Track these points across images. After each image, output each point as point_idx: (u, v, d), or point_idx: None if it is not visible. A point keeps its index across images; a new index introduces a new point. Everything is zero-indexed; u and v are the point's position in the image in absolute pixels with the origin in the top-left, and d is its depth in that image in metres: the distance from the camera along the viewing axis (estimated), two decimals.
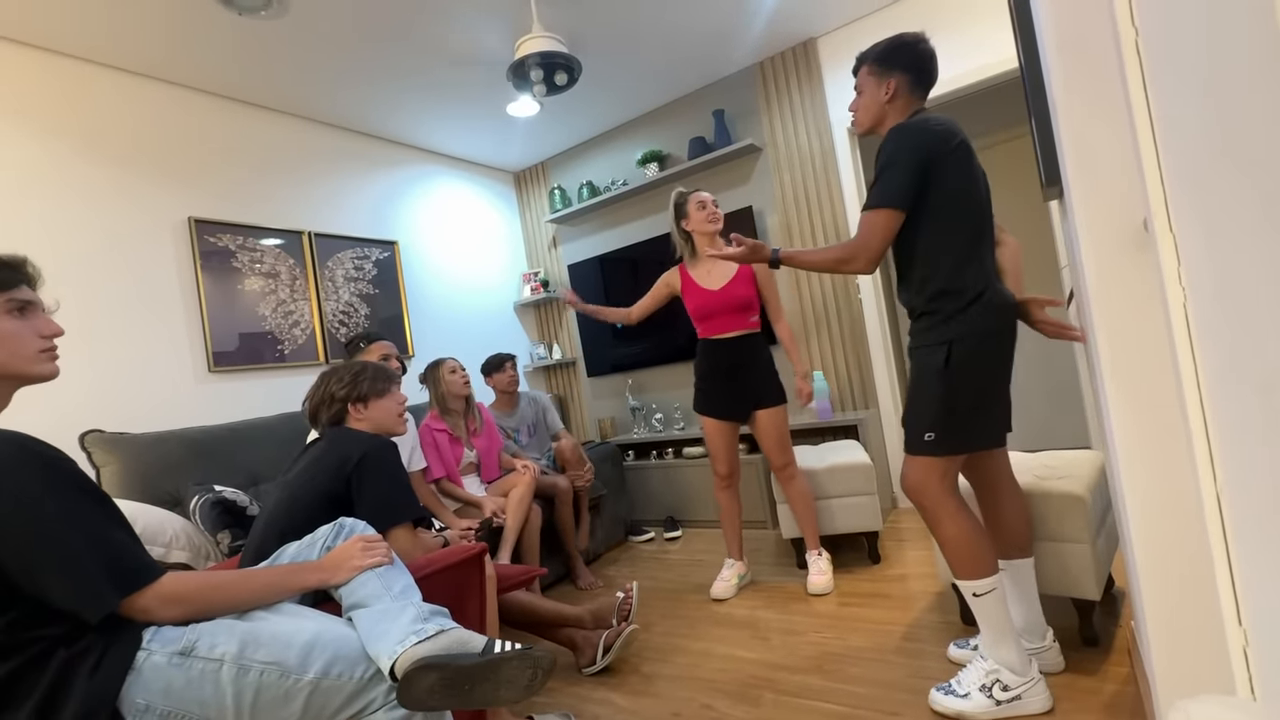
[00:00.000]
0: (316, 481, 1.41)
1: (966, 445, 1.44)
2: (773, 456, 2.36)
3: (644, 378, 3.94)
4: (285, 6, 2.28)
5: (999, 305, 1.43)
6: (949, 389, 1.41)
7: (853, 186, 3.16)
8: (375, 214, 3.40)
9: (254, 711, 0.92)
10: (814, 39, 3.19)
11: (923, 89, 1.53)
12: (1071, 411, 3.60)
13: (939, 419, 1.42)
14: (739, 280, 2.35)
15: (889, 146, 1.43)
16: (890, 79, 1.50)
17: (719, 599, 2.36)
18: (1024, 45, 1.27)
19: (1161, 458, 0.99)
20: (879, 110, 1.54)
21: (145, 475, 2.04)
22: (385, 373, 1.64)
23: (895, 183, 1.40)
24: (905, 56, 1.50)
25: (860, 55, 1.58)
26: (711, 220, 2.34)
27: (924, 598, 2.08)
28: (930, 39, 1.52)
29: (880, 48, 1.54)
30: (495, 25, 2.60)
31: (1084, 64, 1.02)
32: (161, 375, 2.46)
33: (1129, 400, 1.02)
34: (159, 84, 2.60)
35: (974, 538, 1.43)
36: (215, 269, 2.67)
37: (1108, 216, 1.04)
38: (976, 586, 1.42)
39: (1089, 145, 1.05)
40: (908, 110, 1.52)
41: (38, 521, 0.83)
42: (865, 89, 1.56)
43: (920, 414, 1.46)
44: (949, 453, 1.43)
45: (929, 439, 1.44)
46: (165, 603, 0.91)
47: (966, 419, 1.42)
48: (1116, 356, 1.03)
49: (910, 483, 1.49)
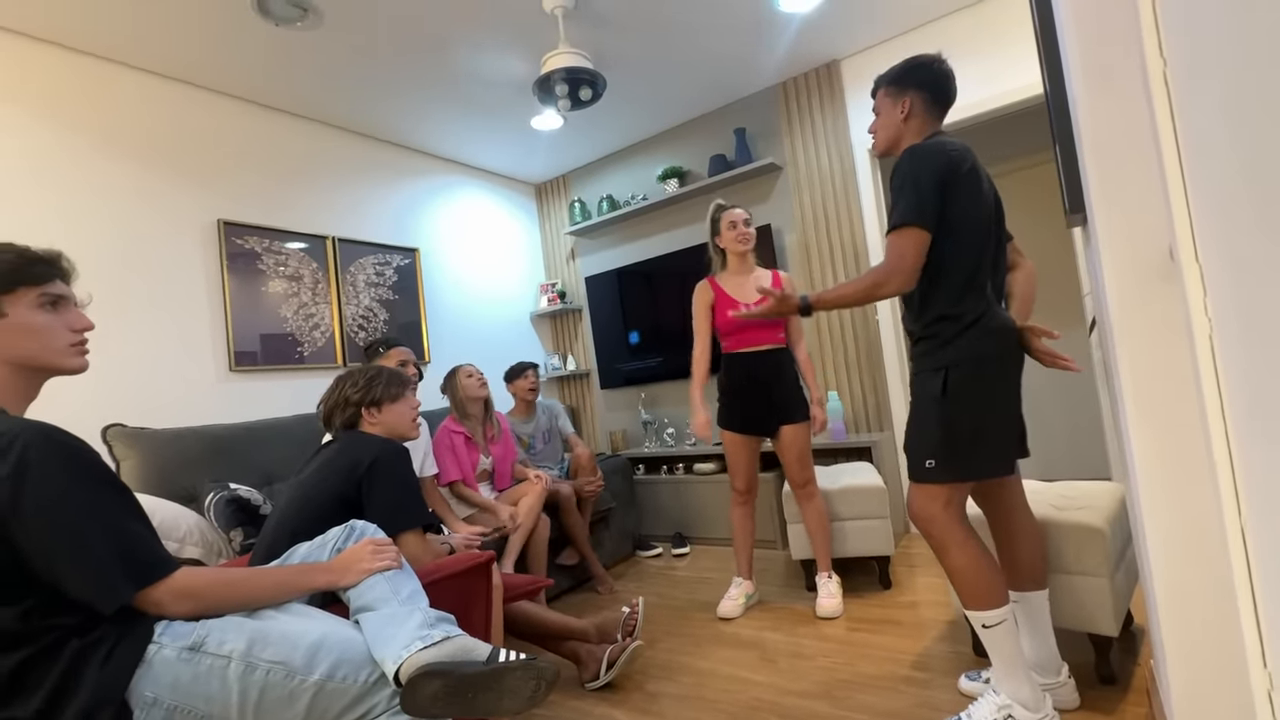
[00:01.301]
0: (328, 483, 1.43)
1: (969, 473, 1.42)
2: (793, 473, 2.34)
3: (657, 392, 3.94)
4: (320, 18, 2.34)
5: (997, 329, 1.40)
6: (947, 415, 1.39)
7: (873, 208, 3.15)
8: (398, 221, 3.46)
9: (258, 710, 0.92)
10: (837, 61, 3.21)
11: (939, 108, 1.53)
12: (1091, 442, 3.53)
13: (938, 446, 1.41)
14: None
15: (905, 167, 1.42)
16: (905, 98, 1.51)
17: (726, 618, 2.33)
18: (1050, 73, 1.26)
19: (1184, 492, 0.97)
20: (896, 130, 1.54)
21: (163, 470, 2.07)
22: (399, 378, 1.66)
23: (920, 201, 1.38)
24: (920, 75, 1.51)
25: (877, 78, 1.59)
26: (741, 240, 2.35)
27: (935, 626, 2.04)
28: (949, 60, 1.52)
29: (896, 68, 1.55)
30: (523, 41, 2.66)
31: (1110, 93, 1.02)
32: (184, 372, 2.51)
33: (1152, 432, 1.00)
34: (196, 90, 2.68)
35: (983, 567, 1.40)
36: (241, 270, 2.72)
37: (1132, 245, 1.03)
38: (986, 618, 1.39)
39: (1114, 173, 1.04)
40: (924, 130, 1.52)
41: (59, 511, 0.85)
42: (882, 110, 1.57)
43: (920, 441, 1.45)
44: (951, 480, 1.41)
45: (929, 466, 1.42)
46: (178, 597, 0.93)
47: (967, 446, 1.40)
48: (1139, 387, 1.02)
49: (915, 510, 1.47)
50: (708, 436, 2.41)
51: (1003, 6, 2.79)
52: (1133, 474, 1.04)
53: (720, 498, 3.34)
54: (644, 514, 3.57)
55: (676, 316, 3.75)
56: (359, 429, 1.59)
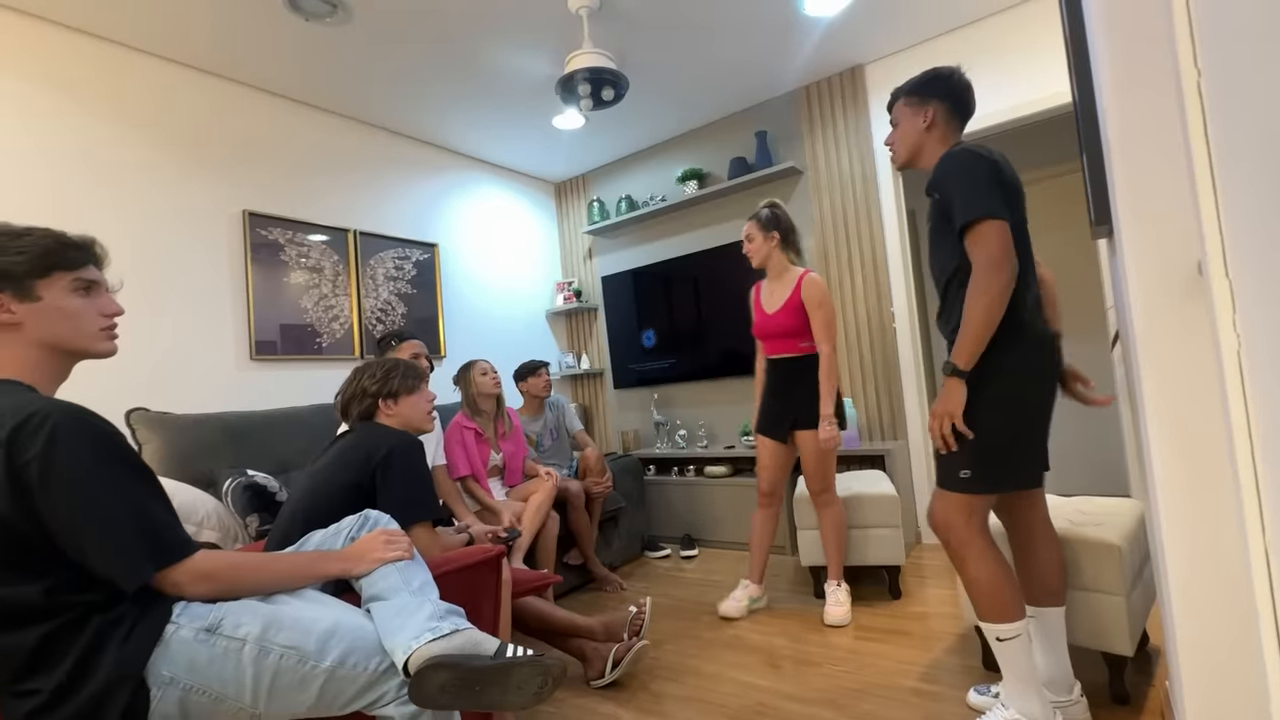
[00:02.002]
0: (343, 473, 1.45)
1: (1003, 484, 1.40)
2: (808, 479, 2.34)
3: (670, 393, 3.94)
4: (349, 14, 2.38)
5: (1043, 339, 1.39)
6: (988, 425, 1.36)
7: (893, 213, 3.13)
8: (418, 216, 3.49)
9: (271, 693, 0.94)
10: (861, 66, 3.19)
11: (960, 118, 1.52)
12: (1111, 457, 3.48)
13: (978, 456, 1.37)
14: (787, 309, 2.33)
15: (953, 165, 1.39)
16: (927, 108, 1.50)
17: (727, 617, 2.35)
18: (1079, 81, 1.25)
19: (1207, 511, 0.95)
20: (917, 140, 1.53)
21: (183, 455, 2.11)
22: (416, 370, 1.68)
23: (985, 193, 1.34)
24: (941, 86, 1.51)
25: (895, 90, 1.59)
26: (745, 254, 2.42)
27: (945, 638, 2.01)
28: (970, 71, 1.52)
29: (915, 80, 1.55)
30: (548, 40, 2.67)
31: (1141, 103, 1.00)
32: (206, 360, 2.55)
33: (1175, 450, 0.99)
34: (227, 83, 2.73)
35: (1001, 580, 1.39)
36: (264, 261, 2.77)
37: (1159, 258, 1.01)
38: (1000, 630, 1.38)
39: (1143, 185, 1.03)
40: (946, 140, 1.51)
41: (86, 490, 0.87)
42: (902, 120, 1.56)
43: (957, 449, 1.41)
44: (985, 491, 1.39)
45: (964, 476, 1.39)
46: (196, 579, 0.94)
47: (1006, 457, 1.37)
48: (1163, 403, 1.00)
49: (938, 519, 1.45)
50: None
51: (1030, 14, 2.75)
52: (1153, 492, 1.02)
53: (730, 501, 3.33)
54: (654, 515, 3.57)
55: (691, 318, 3.75)
56: (375, 420, 1.61)
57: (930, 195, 1.50)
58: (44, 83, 2.22)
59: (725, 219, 3.70)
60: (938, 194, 1.44)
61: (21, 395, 0.90)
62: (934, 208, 1.49)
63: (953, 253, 1.43)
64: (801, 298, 2.30)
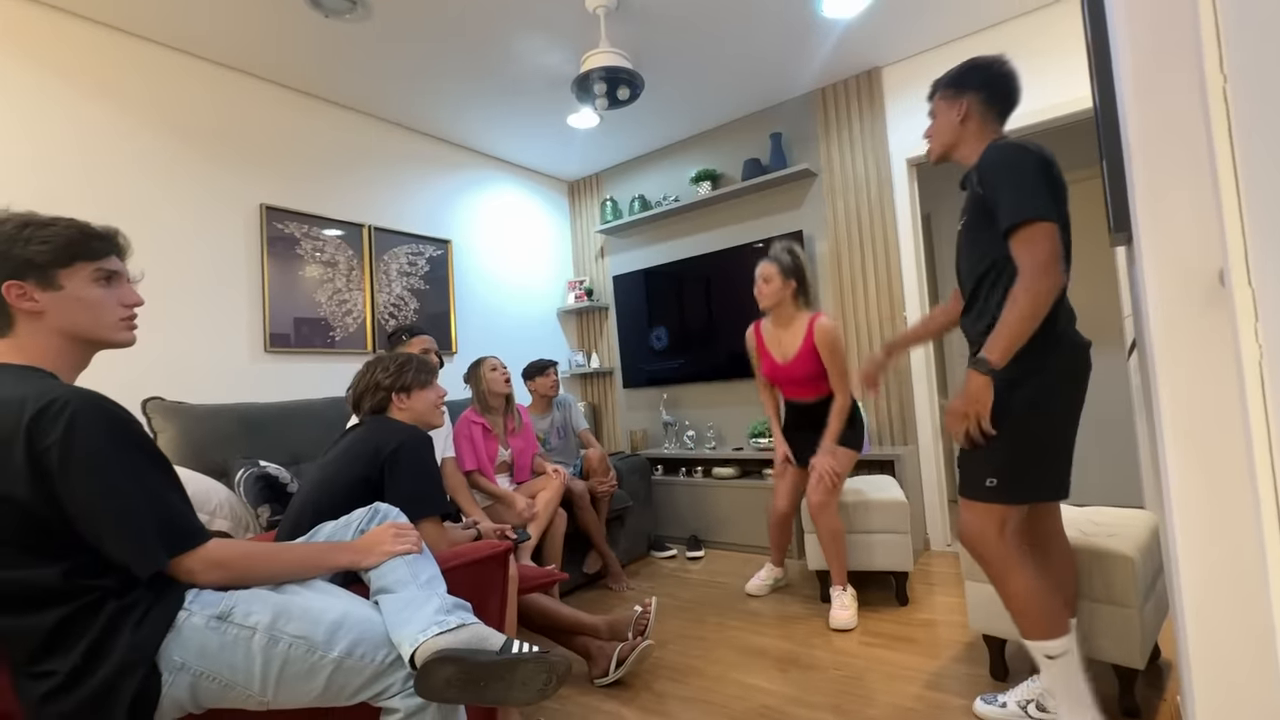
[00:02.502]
0: (352, 467, 1.46)
1: (1033, 494, 1.35)
2: (811, 485, 2.34)
3: (679, 393, 3.94)
4: (369, 11, 2.40)
5: (1081, 347, 1.33)
6: (1019, 431, 1.31)
7: (908, 218, 3.10)
8: (432, 213, 3.51)
9: (279, 682, 0.95)
10: (879, 68, 3.17)
11: (999, 110, 1.45)
12: (1124, 468, 3.43)
13: (1005, 464, 1.32)
14: (803, 357, 2.38)
15: (1001, 159, 1.33)
16: (963, 100, 1.45)
17: (751, 594, 2.59)
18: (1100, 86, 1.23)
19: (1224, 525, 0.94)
20: (952, 133, 1.47)
21: (197, 445, 2.14)
22: (428, 365, 1.69)
23: (1033, 193, 1.27)
24: (978, 76, 1.45)
25: (935, 81, 1.53)
26: (759, 296, 2.44)
27: (952, 646, 2.00)
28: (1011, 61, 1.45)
29: (954, 70, 1.49)
30: (564, 39, 2.68)
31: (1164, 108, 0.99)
32: (221, 351, 2.58)
33: (1191, 461, 0.97)
34: (248, 78, 2.76)
35: (1043, 594, 1.33)
36: (280, 254, 2.79)
37: (1179, 266, 0.99)
38: (1048, 648, 1.32)
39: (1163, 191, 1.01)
40: (983, 134, 1.44)
41: (103, 476, 0.88)
42: (939, 113, 1.51)
43: (982, 457, 1.35)
44: (1013, 501, 1.34)
45: (991, 485, 1.34)
46: (209, 566, 0.96)
47: (1034, 465, 1.32)
48: (1180, 414, 0.99)
49: (969, 532, 1.38)
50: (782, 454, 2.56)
51: (1050, 18, 2.72)
52: (1168, 503, 1.01)
53: (738, 503, 3.32)
54: (660, 515, 3.57)
55: (702, 319, 3.75)
56: (387, 414, 1.62)
57: (966, 188, 1.45)
58: (71, 77, 2.26)
59: (738, 220, 3.69)
60: (981, 188, 1.37)
61: (43, 382, 0.92)
62: (972, 202, 1.43)
63: (988, 250, 1.37)
64: (815, 344, 2.35)
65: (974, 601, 1.77)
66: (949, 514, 3.13)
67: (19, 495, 0.85)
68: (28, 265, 0.94)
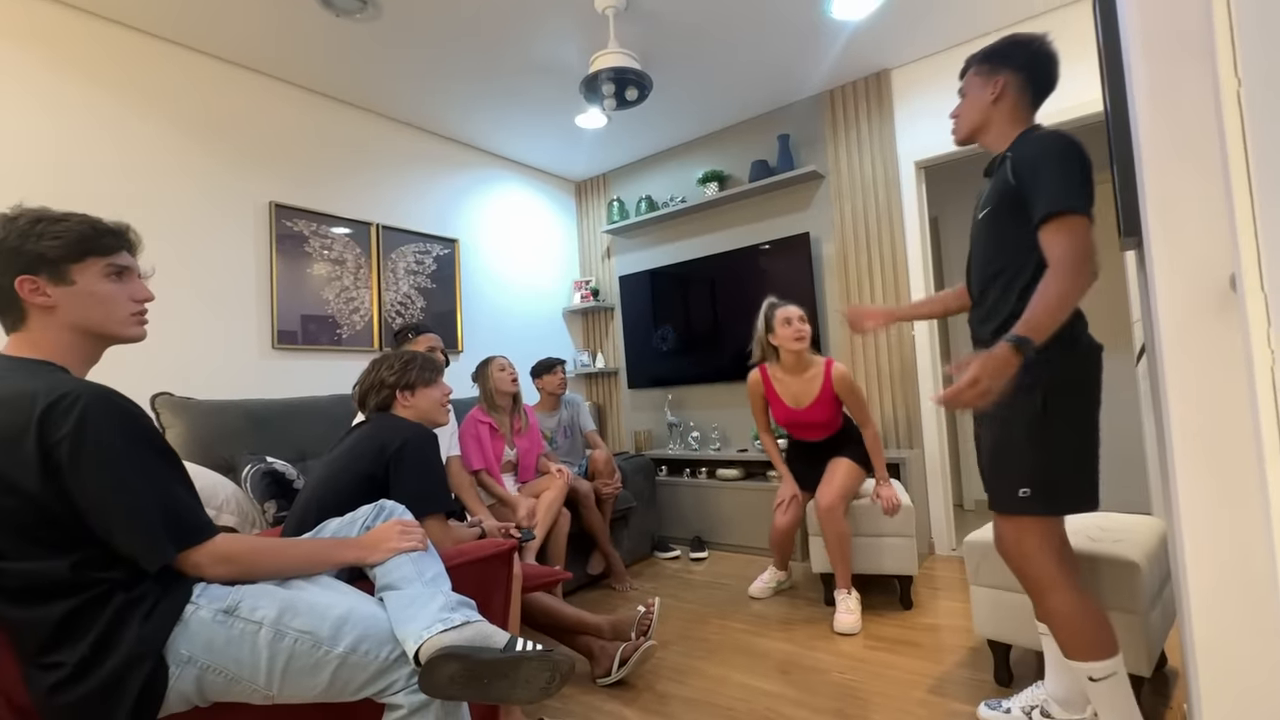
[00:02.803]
0: (357, 464, 1.46)
1: (1070, 504, 1.27)
2: (828, 493, 2.34)
3: (684, 394, 3.93)
4: (379, 10, 2.41)
5: (1097, 347, 1.28)
6: (1049, 438, 1.25)
7: (915, 220, 3.09)
8: (440, 212, 3.52)
9: (284, 677, 0.95)
10: (887, 70, 3.16)
11: (1036, 94, 1.36)
12: (1132, 473, 3.41)
13: (1037, 472, 1.26)
14: (821, 403, 2.45)
15: (1047, 148, 1.24)
16: (999, 78, 1.35)
17: (754, 596, 2.59)
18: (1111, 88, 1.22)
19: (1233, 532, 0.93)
20: (983, 113, 1.37)
21: (205, 440, 2.15)
22: (433, 363, 1.70)
23: (1079, 187, 1.20)
24: (1019, 54, 1.34)
25: (969, 57, 1.43)
26: (797, 338, 2.41)
27: (956, 651, 1.99)
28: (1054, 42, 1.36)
29: (991, 46, 1.38)
30: (574, 40, 2.68)
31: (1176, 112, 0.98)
32: (229, 347, 2.60)
33: (1200, 467, 0.96)
34: (258, 75, 2.78)
35: (1089, 611, 1.26)
36: (288, 252, 2.81)
37: (1189, 271, 0.99)
38: (1093, 669, 1.24)
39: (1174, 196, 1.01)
40: (1016, 117, 1.35)
41: (113, 470, 0.89)
42: (970, 91, 1.41)
43: (1012, 466, 1.29)
44: (1049, 512, 1.27)
45: (1024, 495, 1.26)
46: (216, 561, 0.96)
47: (1068, 473, 1.26)
48: (1189, 420, 0.98)
49: (1008, 547, 1.32)
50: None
51: (1061, 21, 2.71)
52: (1176, 511, 1.00)
53: (741, 505, 3.32)
54: (664, 515, 3.57)
55: (707, 320, 3.75)
56: (392, 411, 1.62)
57: (990, 175, 1.39)
58: (86, 75, 2.28)
59: (745, 222, 3.69)
60: (1015, 179, 1.29)
61: (54, 376, 0.92)
62: (998, 192, 1.34)
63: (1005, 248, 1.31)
64: (835, 391, 2.44)
65: (979, 606, 1.76)
66: (954, 518, 3.12)
67: (30, 488, 0.86)
68: (40, 260, 0.95)
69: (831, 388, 2.43)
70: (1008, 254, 1.32)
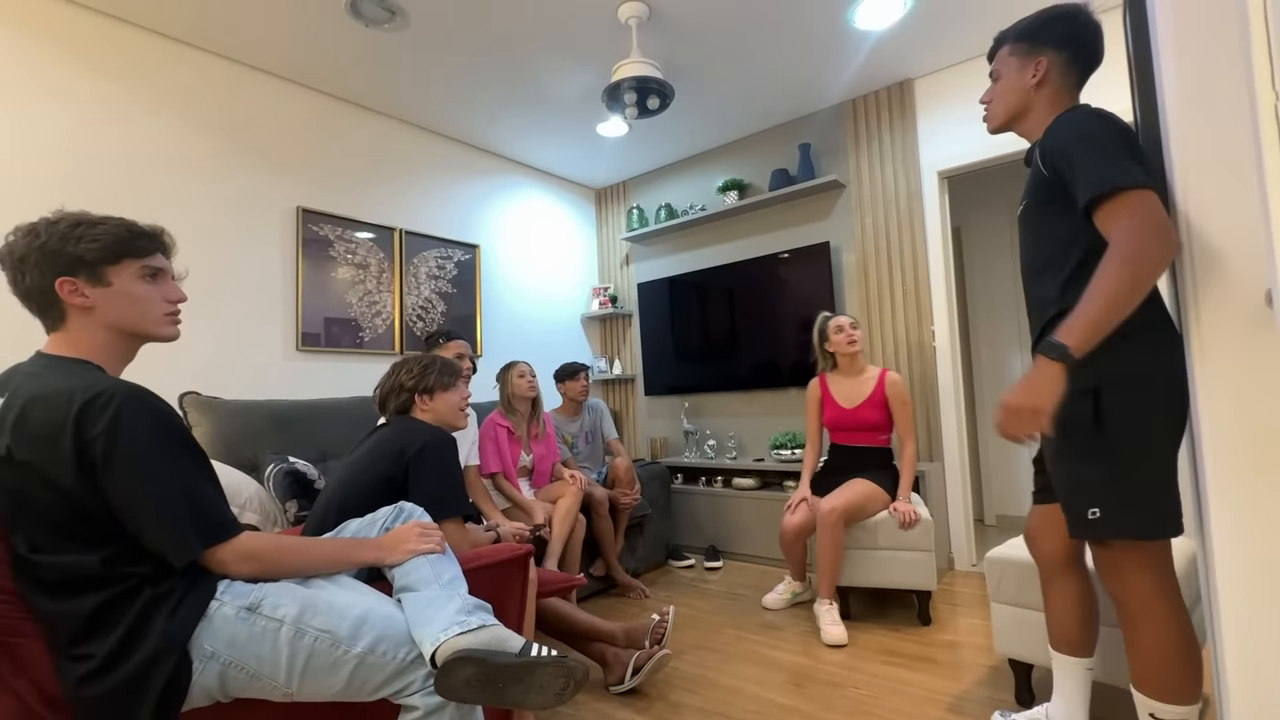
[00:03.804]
0: (377, 465, 1.48)
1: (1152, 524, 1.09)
2: (843, 505, 2.34)
3: (701, 402, 3.92)
4: (406, 20, 2.45)
5: (1176, 344, 1.06)
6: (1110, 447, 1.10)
7: (937, 231, 3.06)
8: (462, 218, 3.57)
9: (304, 675, 0.97)
10: (911, 80, 3.14)
11: (1080, 74, 1.22)
12: None
13: (1100, 489, 1.11)
14: (871, 404, 2.53)
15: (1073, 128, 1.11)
16: (1040, 57, 1.21)
17: (768, 608, 2.56)
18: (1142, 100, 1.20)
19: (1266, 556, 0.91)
20: (1021, 99, 1.23)
21: (230, 439, 2.19)
22: (452, 367, 1.71)
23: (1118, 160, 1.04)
24: (1061, 29, 1.20)
25: (1000, 34, 1.29)
26: (850, 343, 2.55)
27: (975, 669, 1.95)
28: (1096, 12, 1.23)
29: (1027, 20, 1.23)
30: (596, 49, 2.71)
31: (1209, 125, 0.96)
32: (255, 349, 2.66)
33: (1233, 488, 0.94)
34: (289, 84, 2.85)
35: (1180, 653, 1.12)
36: (314, 256, 2.86)
37: (1223, 285, 0.97)
38: (1163, 711, 1.12)
39: (1208, 210, 0.99)
40: (1059, 102, 1.21)
41: (145, 466, 0.91)
42: (1004, 73, 1.26)
43: (1074, 484, 1.15)
44: (1125, 535, 1.11)
45: (1093, 517, 1.12)
46: (240, 558, 0.98)
47: (1145, 489, 1.08)
48: (1221, 439, 0.96)
49: (1105, 572, 1.19)
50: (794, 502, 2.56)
51: None
52: (1208, 531, 0.97)
53: (757, 515, 3.29)
54: (679, 524, 3.55)
55: (725, 329, 3.74)
56: (411, 414, 1.64)
57: (1031, 165, 1.25)
58: (121, 82, 2.35)
59: (764, 231, 3.68)
60: (1045, 169, 1.17)
61: (91, 375, 0.95)
62: (1033, 183, 1.23)
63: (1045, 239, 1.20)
64: (886, 394, 2.51)
65: (999, 624, 1.73)
66: (975, 533, 3.06)
67: (66, 483, 0.88)
68: (79, 262, 0.98)
69: (884, 391, 2.52)
70: (1046, 248, 1.21)
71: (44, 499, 0.90)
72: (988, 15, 2.65)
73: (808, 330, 2.82)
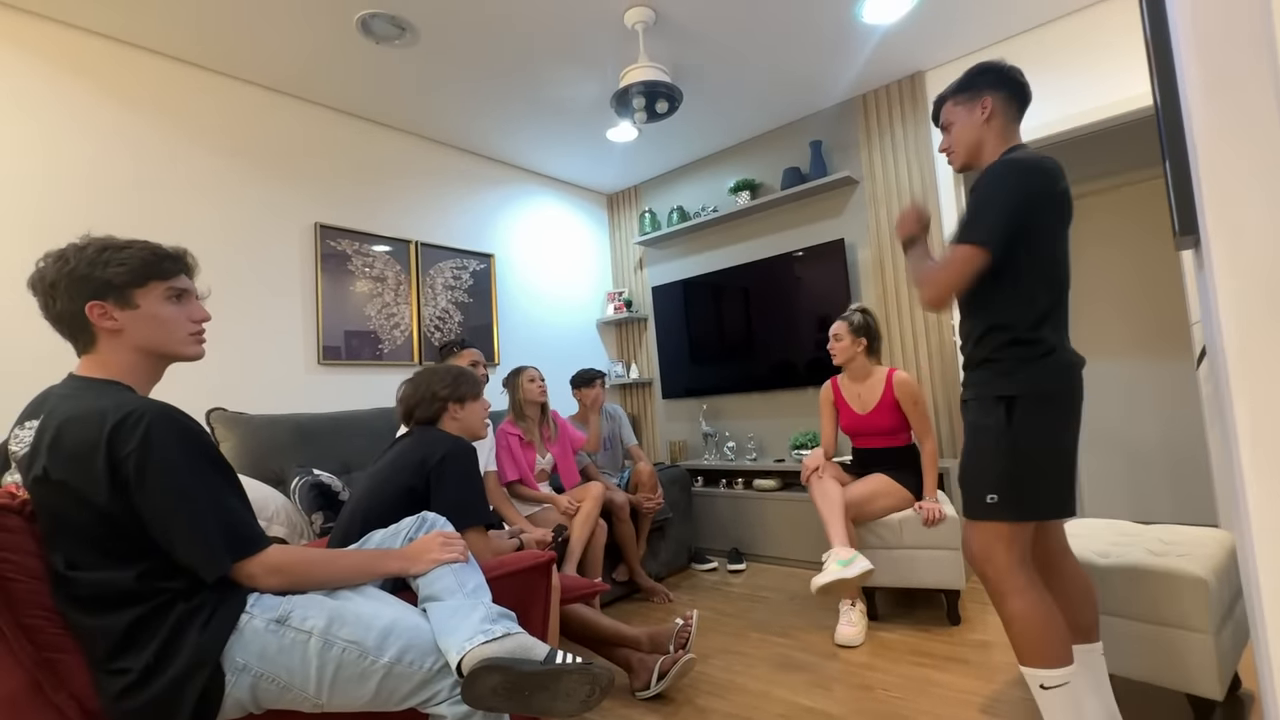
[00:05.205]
0: (400, 476, 1.50)
1: (1034, 511, 1.32)
2: (862, 494, 2.35)
3: (719, 404, 3.91)
4: (416, 36, 2.49)
5: (1070, 365, 1.33)
6: (1013, 447, 1.31)
7: (953, 224, 3.02)
8: (476, 228, 3.61)
9: (333, 686, 0.98)
10: (922, 73, 3.11)
11: (1019, 108, 1.44)
12: (1196, 483, 3.24)
13: (1002, 480, 1.32)
14: (883, 409, 2.48)
15: (987, 180, 1.34)
16: (984, 98, 1.42)
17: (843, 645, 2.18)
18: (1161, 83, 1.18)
19: None
20: (977, 134, 1.43)
21: (256, 453, 2.23)
22: (477, 378, 1.74)
23: (989, 221, 1.31)
24: (992, 75, 1.43)
25: (938, 96, 1.52)
26: (831, 352, 2.56)
27: (1007, 670, 1.91)
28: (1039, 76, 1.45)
29: (961, 79, 1.47)
30: (604, 55, 2.72)
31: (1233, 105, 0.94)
32: (278, 364, 2.70)
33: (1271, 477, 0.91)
34: (302, 102, 2.90)
35: (1045, 618, 1.29)
36: (332, 270, 2.91)
37: (1253, 271, 0.94)
38: (1045, 677, 1.27)
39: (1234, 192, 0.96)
40: (1007, 132, 1.42)
41: (176, 483, 0.94)
42: (956, 120, 1.47)
43: (980, 474, 1.36)
44: (1015, 518, 1.32)
45: (991, 501, 1.33)
46: (269, 571, 1.00)
47: (1033, 482, 1.31)
48: (1258, 427, 0.93)
49: (973, 551, 1.38)
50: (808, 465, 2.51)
51: (1101, 15, 2.62)
52: (1246, 523, 0.94)
53: (779, 516, 3.27)
54: (701, 527, 3.54)
55: (741, 329, 3.72)
56: (438, 424, 1.66)
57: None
58: (139, 107, 2.42)
59: (778, 229, 3.66)
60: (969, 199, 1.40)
61: (121, 395, 0.98)
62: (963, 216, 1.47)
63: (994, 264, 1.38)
64: (895, 396, 2.46)
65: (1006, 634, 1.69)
66: None
67: (100, 501, 0.91)
68: (107, 286, 1.00)
69: (893, 393, 2.46)
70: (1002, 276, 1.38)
71: (80, 517, 0.92)
72: (996, 6, 2.61)
73: (824, 329, 2.79)
